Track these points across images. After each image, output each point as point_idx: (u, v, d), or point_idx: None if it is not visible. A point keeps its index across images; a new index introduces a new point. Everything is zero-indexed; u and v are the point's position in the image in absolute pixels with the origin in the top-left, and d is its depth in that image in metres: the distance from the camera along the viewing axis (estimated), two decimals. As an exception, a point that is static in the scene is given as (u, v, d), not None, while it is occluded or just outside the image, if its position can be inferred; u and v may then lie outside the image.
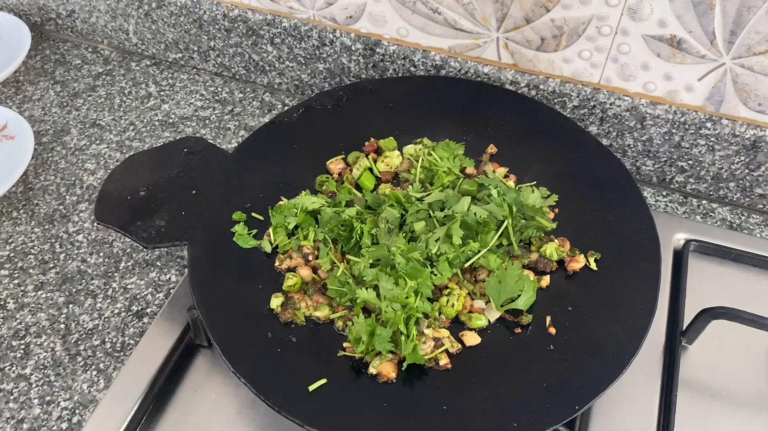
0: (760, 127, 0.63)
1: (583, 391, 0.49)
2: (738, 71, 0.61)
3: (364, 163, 0.63)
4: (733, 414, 0.55)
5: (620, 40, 0.63)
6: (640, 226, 0.57)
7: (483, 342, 0.53)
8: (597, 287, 0.56)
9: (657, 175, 0.71)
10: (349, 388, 0.51)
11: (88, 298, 0.63)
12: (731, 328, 0.54)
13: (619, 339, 0.51)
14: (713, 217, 0.69)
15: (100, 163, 0.74)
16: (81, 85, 0.83)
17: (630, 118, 0.67)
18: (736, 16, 0.57)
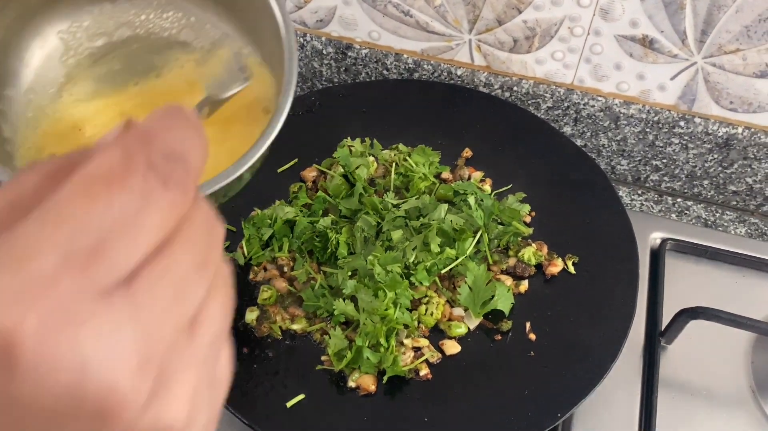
0: (732, 125, 0.64)
1: (564, 398, 0.49)
2: (709, 70, 0.61)
3: (338, 169, 0.62)
4: (714, 413, 0.55)
5: (593, 41, 0.63)
6: (617, 228, 0.57)
7: (463, 351, 0.52)
8: (576, 290, 0.55)
9: (632, 174, 0.71)
10: (328, 403, 0.50)
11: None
12: (710, 327, 0.54)
13: (598, 343, 0.51)
14: (688, 215, 0.69)
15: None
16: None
17: (604, 118, 0.67)
18: (707, 16, 0.57)
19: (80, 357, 0.18)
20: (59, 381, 0.18)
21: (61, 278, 0.17)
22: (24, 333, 0.17)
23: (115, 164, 0.18)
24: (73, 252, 0.18)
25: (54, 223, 0.18)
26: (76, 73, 0.40)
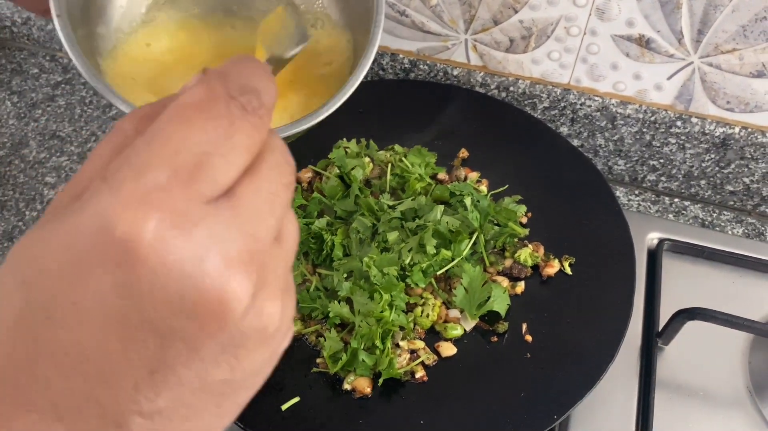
0: (729, 125, 0.63)
1: (560, 400, 0.48)
2: (706, 69, 0.60)
3: (334, 170, 0.62)
4: (711, 414, 0.55)
5: (589, 41, 0.62)
6: (614, 229, 0.57)
7: (459, 353, 0.52)
8: (572, 292, 0.55)
9: (629, 175, 0.71)
10: (323, 405, 0.49)
11: (51, 318, 0.60)
12: (707, 328, 0.54)
13: (595, 344, 0.51)
14: (685, 215, 0.69)
15: (60, 176, 0.72)
16: (39, 95, 0.81)
17: (601, 118, 0.67)
18: (703, 15, 0.57)
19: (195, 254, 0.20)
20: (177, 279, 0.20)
21: (172, 187, 0.20)
22: (145, 235, 0.19)
23: (201, 96, 0.21)
24: (179, 166, 0.20)
25: (160, 143, 0.20)
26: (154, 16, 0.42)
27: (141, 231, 0.19)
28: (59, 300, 0.20)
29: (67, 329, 0.20)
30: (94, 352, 0.21)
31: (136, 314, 0.20)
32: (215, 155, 0.21)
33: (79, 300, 0.20)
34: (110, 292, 0.20)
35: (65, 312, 0.20)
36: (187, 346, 0.21)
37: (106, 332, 0.20)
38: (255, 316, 0.21)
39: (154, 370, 0.21)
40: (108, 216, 0.20)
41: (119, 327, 0.20)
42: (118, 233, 0.19)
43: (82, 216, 0.20)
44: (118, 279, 0.20)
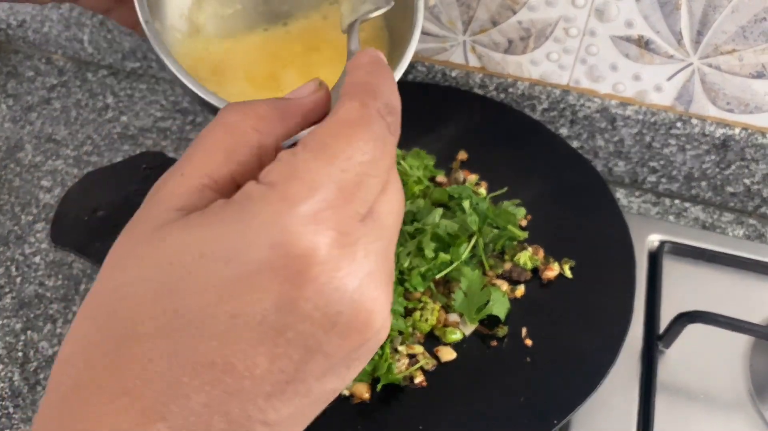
0: (729, 126, 0.63)
1: (560, 404, 0.48)
2: (706, 70, 0.60)
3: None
4: (712, 417, 0.54)
5: (588, 42, 0.62)
6: (614, 231, 0.57)
7: (458, 357, 0.52)
8: (572, 295, 0.55)
9: (629, 176, 0.70)
10: (321, 411, 0.49)
11: (47, 323, 0.60)
12: (708, 331, 0.53)
13: (595, 348, 0.51)
14: (686, 217, 0.69)
15: (56, 180, 0.71)
16: (35, 98, 0.80)
17: (600, 119, 0.66)
18: (702, 16, 0.56)
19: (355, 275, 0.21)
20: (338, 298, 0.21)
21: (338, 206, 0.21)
22: (319, 253, 0.20)
23: (358, 114, 0.22)
24: (344, 185, 0.21)
25: (327, 160, 0.21)
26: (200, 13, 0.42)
27: (316, 250, 0.20)
28: (216, 312, 0.20)
29: (218, 341, 0.20)
30: (241, 364, 0.20)
31: (291, 329, 0.21)
32: (370, 175, 0.22)
33: (240, 313, 0.20)
34: (272, 307, 0.20)
35: (220, 324, 0.20)
36: (326, 360, 0.22)
37: (258, 346, 0.20)
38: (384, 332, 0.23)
39: (289, 382, 0.21)
40: (289, 230, 0.20)
41: (271, 342, 0.21)
42: (298, 250, 0.20)
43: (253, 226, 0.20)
44: (284, 294, 0.20)
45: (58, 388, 0.21)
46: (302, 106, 0.24)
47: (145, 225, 0.22)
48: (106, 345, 0.21)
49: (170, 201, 0.22)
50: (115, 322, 0.21)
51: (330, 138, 0.21)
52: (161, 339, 0.20)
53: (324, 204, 0.20)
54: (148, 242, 0.21)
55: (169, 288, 0.20)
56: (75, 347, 0.21)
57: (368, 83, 0.23)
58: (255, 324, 0.20)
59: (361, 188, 0.21)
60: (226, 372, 0.20)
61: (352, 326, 0.21)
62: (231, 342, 0.20)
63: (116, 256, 0.22)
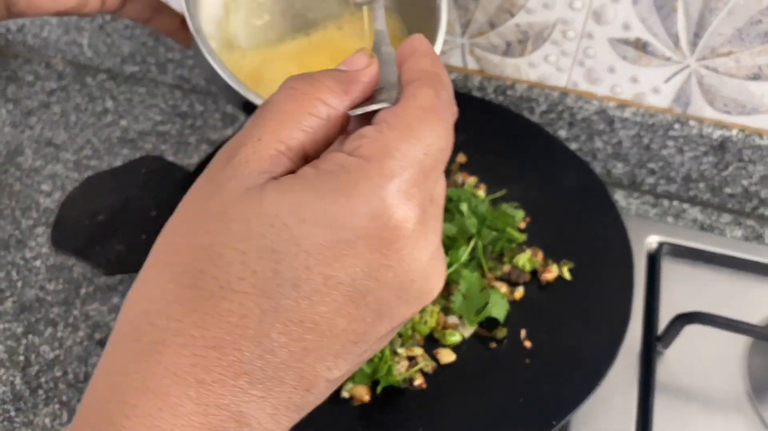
0: (727, 128, 0.63)
1: (559, 405, 0.48)
2: (703, 72, 0.60)
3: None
4: (710, 417, 0.55)
5: (586, 44, 0.62)
6: (612, 234, 0.57)
7: (458, 359, 0.52)
8: (571, 297, 0.55)
9: (628, 178, 0.71)
10: (321, 413, 0.49)
11: (47, 327, 0.60)
12: (706, 332, 0.54)
13: (594, 349, 0.51)
14: (684, 218, 0.69)
15: (56, 184, 0.72)
16: (34, 103, 0.80)
17: (599, 121, 0.66)
18: (699, 19, 0.57)
19: (428, 249, 0.23)
20: (414, 269, 0.23)
21: (420, 185, 0.23)
22: (408, 226, 0.22)
23: (434, 102, 0.24)
24: (425, 166, 0.23)
25: (413, 142, 0.23)
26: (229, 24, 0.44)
27: (406, 223, 0.22)
28: (312, 273, 0.21)
29: (309, 301, 0.22)
30: (324, 324, 0.22)
31: (372, 294, 0.22)
32: (441, 161, 0.24)
33: (332, 275, 0.21)
34: (361, 272, 0.22)
35: (314, 284, 0.21)
36: (389, 323, 0.24)
37: (341, 307, 0.22)
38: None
39: (357, 342, 0.23)
40: (387, 203, 0.21)
41: (353, 305, 0.22)
42: (393, 222, 0.22)
43: (353, 197, 0.21)
44: (373, 261, 0.22)
45: (132, 344, 0.22)
46: (361, 78, 0.25)
47: (233, 185, 0.22)
48: (194, 302, 0.21)
49: (253, 164, 0.23)
50: (207, 279, 0.22)
51: (415, 121, 0.23)
52: (258, 297, 0.21)
53: (412, 182, 0.22)
54: (242, 202, 0.22)
55: (271, 248, 0.21)
56: (153, 304, 0.22)
57: (436, 73, 0.25)
58: (343, 287, 0.22)
59: (434, 171, 0.23)
60: (309, 330, 0.22)
61: (418, 294, 0.24)
62: (320, 302, 0.22)
63: (201, 214, 0.23)
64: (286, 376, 0.22)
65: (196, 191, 0.24)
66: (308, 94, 0.24)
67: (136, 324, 0.22)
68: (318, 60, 0.43)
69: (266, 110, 0.24)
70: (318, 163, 0.23)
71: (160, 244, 0.24)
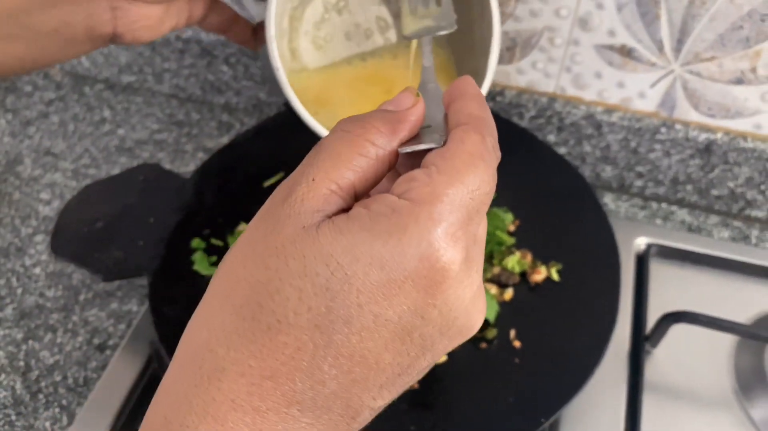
0: (712, 131, 0.65)
1: (548, 403, 0.49)
2: (687, 77, 0.62)
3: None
4: (698, 415, 0.56)
5: (573, 51, 0.64)
6: (600, 235, 0.58)
7: (449, 359, 0.53)
8: (559, 298, 0.56)
9: (616, 181, 0.72)
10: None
11: (47, 333, 0.61)
12: (693, 331, 0.55)
13: (582, 349, 0.52)
14: (673, 220, 0.70)
15: (55, 193, 0.73)
16: (33, 113, 0.82)
17: (587, 125, 0.68)
18: (682, 25, 0.58)
19: (472, 288, 0.25)
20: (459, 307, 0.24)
21: (466, 227, 0.24)
22: (454, 268, 0.23)
23: (479, 146, 0.25)
24: (470, 209, 0.24)
25: (459, 186, 0.24)
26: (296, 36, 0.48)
27: (453, 264, 0.23)
28: (363, 311, 0.23)
29: (360, 336, 0.23)
30: (372, 358, 0.23)
31: (417, 331, 0.24)
32: (485, 204, 0.25)
33: (382, 313, 0.23)
34: (408, 311, 0.23)
35: (365, 321, 0.23)
36: (432, 356, 0.25)
37: (388, 342, 0.24)
38: None
39: (400, 374, 0.25)
40: (435, 246, 0.23)
41: (400, 340, 0.24)
42: (440, 264, 0.23)
43: (404, 240, 0.23)
44: (420, 301, 0.23)
45: (194, 370, 0.24)
46: (408, 118, 0.27)
47: (291, 223, 0.24)
48: (252, 333, 0.23)
49: (308, 203, 0.24)
50: (265, 314, 0.23)
51: (462, 166, 0.24)
52: (312, 332, 0.23)
53: (458, 225, 0.23)
54: (299, 240, 0.23)
55: (325, 287, 0.23)
56: (213, 334, 0.24)
57: (483, 118, 0.26)
58: (392, 324, 0.23)
59: (478, 214, 0.24)
60: (358, 363, 0.23)
61: (461, 330, 0.25)
62: (369, 338, 0.23)
63: (261, 250, 0.24)
64: (334, 405, 0.24)
65: (256, 227, 0.25)
66: (359, 136, 0.25)
67: (198, 351, 0.24)
68: (373, 91, 0.46)
69: (320, 152, 0.25)
70: (370, 204, 0.24)
71: (221, 276, 0.25)
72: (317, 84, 0.46)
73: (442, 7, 0.37)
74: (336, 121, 0.27)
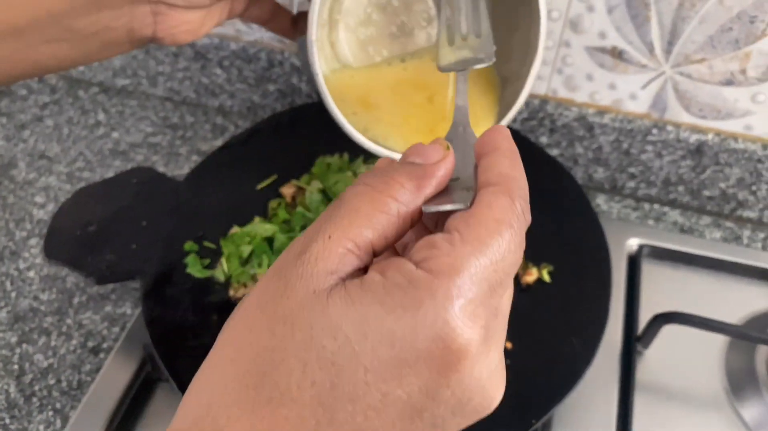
0: (703, 132, 0.65)
1: (539, 404, 0.49)
2: (678, 79, 0.62)
3: (316, 185, 0.63)
4: (689, 415, 0.56)
5: (564, 53, 0.64)
6: (591, 237, 0.58)
7: (441, 361, 0.53)
8: (551, 299, 0.56)
9: (609, 182, 0.72)
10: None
11: (41, 336, 0.61)
12: (685, 331, 0.55)
13: (573, 350, 0.52)
14: (665, 221, 0.70)
15: (50, 196, 0.73)
16: (27, 116, 0.82)
17: (579, 127, 0.68)
18: (672, 27, 0.58)
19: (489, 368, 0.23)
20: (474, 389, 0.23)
21: (487, 303, 0.22)
22: (471, 349, 0.22)
23: (507, 212, 0.24)
24: (494, 283, 0.23)
25: (480, 256, 0.22)
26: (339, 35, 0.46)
27: (469, 345, 0.22)
28: (370, 389, 0.22)
29: (365, 415, 0.22)
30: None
31: (427, 411, 0.23)
32: (510, 275, 0.24)
33: (390, 392, 0.22)
34: (419, 391, 0.22)
35: (371, 400, 0.22)
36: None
37: (396, 421, 0.22)
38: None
39: None
40: (451, 325, 0.21)
41: (409, 419, 0.23)
42: (456, 345, 0.22)
43: (418, 318, 0.21)
44: (431, 382, 0.22)
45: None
46: (436, 173, 0.25)
47: (302, 286, 0.23)
48: (253, 404, 0.22)
49: (322, 263, 0.23)
50: (268, 384, 0.22)
51: (487, 235, 0.23)
52: (314, 407, 0.22)
53: (479, 301, 0.22)
54: (308, 308, 0.22)
55: (331, 361, 0.22)
56: (215, 398, 0.23)
57: (515, 179, 0.25)
58: (400, 403, 0.22)
59: (501, 286, 0.23)
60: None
61: (476, 410, 0.24)
62: (376, 417, 0.22)
63: (269, 313, 0.23)
64: None
65: (267, 284, 0.24)
66: (381, 192, 0.24)
67: (199, 415, 0.23)
68: (417, 97, 0.44)
69: (339, 207, 0.24)
70: (386, 270, 0.23)
71: (228, 334, 0.24)
72: (360, 84, 0.44)
73: (481, 38, 0.35)
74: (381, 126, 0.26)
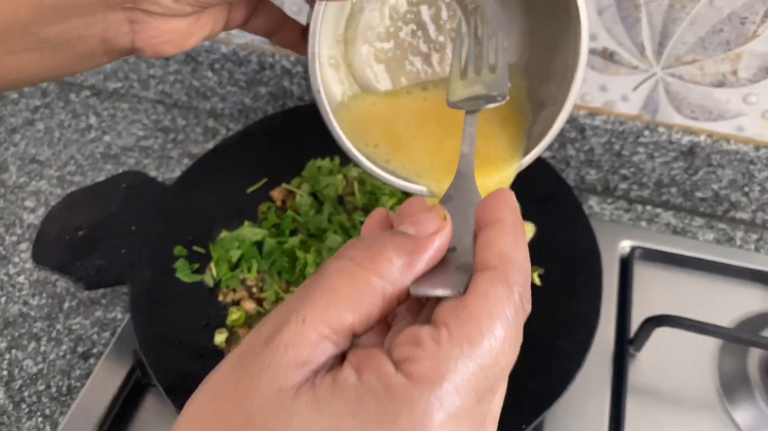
0: (695, 134, 0.65)
1: (530, 408, 0.49)
2: (669, 80, 0.62)
3: (307, 188, 0.63)
4: (682, 418, 0.56)
5: (555, 54, 0.64)
6: (581, 240, 0.58)
7: (431, 366, 0.53)
8: (542, 302, 0.55)
9: (601, 184, 0.72)
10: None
11: (31, 342, 0.61)
12: (677, 334, 0.55)
13: (564, 353, 0.52)
14: (658, 222, 0.70)
15: (40, 200, 0.73)
16: (18, 120, 0.82)
17: (570, 129, 0.68)
18: (663, 28, 0.58)
19: None
20: None
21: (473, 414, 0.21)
22: None
23: (504, 300, 0.21)
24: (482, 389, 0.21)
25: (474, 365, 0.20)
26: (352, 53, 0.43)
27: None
28: None
29: None
30: None
31: None
32: (503, 378, 0.22)
33: None
34: None
35: None
36: None
37: None
38: None
39: None
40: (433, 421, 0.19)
41: None
42: None
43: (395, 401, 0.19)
44: None
45: None
46: (429, 248, 0.23)
47: (266, 381, 0.20)
48: None
49: (292, 351, 0.20)
50: None
51: (478, 335, 0.20)
52: None
53: (463, 415, 0.20)
54: (271, 412, 0.20)
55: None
56: None
57: (515, 261, 0.22)
58: None
59: (491, 391, 0.21)
60: None
61: None
62: None
63: (229, 409, 0.20)
64: None
65: (229, 372, 0.21)
66: (367, 269, 0.21)
67: None
68: (438, 129, 0.40)
69: (317, 284, 0.21)
70: (362, 369, 0.20)
71: (184, 424, 0.22)
72: (382, 113, 0.41)
73: (497, 73, 0.31)
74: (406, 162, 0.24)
